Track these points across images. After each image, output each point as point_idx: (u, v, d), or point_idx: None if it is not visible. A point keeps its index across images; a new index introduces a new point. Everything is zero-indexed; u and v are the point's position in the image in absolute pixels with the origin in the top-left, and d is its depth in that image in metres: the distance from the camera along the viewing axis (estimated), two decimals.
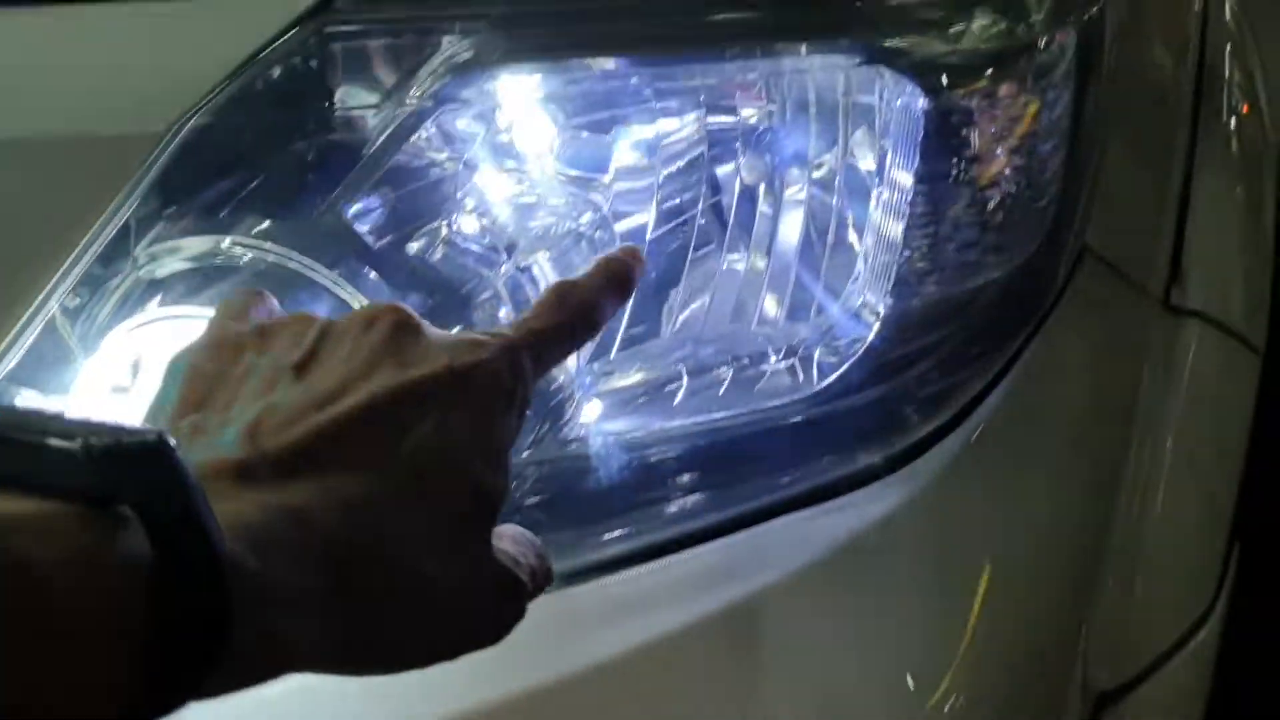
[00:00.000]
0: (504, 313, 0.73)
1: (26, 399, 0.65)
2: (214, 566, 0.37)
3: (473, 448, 0.47)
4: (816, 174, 0.76)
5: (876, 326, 0.70)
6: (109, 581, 0.36)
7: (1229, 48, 1.28)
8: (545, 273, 0.77)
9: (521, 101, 0.73)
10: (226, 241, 0.64)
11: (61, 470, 0.36)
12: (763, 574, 0.70)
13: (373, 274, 0.64)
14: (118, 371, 0.65)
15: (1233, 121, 1.24)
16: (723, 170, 0.79)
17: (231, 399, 0.47)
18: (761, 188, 0.78)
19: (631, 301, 0.79)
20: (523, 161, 0.75)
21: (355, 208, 0.66)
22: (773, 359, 0.75)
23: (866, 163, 0.73)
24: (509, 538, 0.51)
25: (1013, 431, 0.78)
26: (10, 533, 0.34)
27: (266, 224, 0.64)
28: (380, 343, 0.48)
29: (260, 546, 0.40)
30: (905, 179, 0.70)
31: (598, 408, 0.75)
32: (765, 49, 0.73)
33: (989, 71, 0.73)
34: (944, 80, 0.70)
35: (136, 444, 0.37)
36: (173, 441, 0.37)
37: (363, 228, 0.66)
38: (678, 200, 0.78)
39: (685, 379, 0.77)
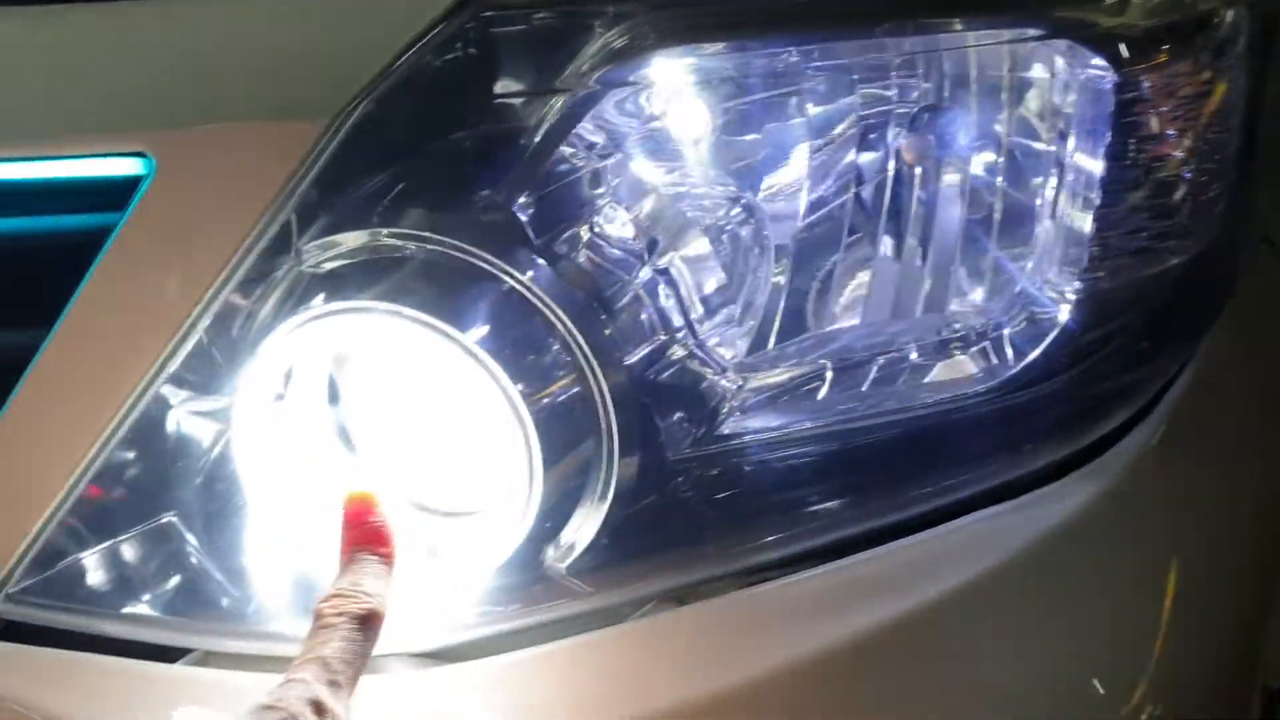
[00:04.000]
0: (644, 316, 0.71)
1: (187, 403, 0.64)
2: None
3: None
4: (981, 155, 0.72)
5: (1068, 309, 0.66)
6: None
7: None
8: (684, 274, 0.74)
9: (675, 86, 0.70)
10: (389, 235, 0.61)
11: None
12: (943, 579, 0.67)
13: (541, 262, 0.61)
14: (275, 376, 0.63)
15: None
16: (880, 154, 0.76)
17: None
18: (919, 171, 0.74)
19: (785, 296, 0.76)
20: (676, 149, 0.72)
21: (519, 199, 0.64)
22: (957, 345, 0.71)
23: (1041, 143, 0.70)
24: None
25: (1197, 422, 0.74)
26: None
27: (430, 216, 0.61)
28: None
29: None
30: (1091, 159, 0.66)
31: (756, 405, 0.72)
32: (924, 23, 0.69)
33: (1165, 46, 0.70)
34: (1125, 54, 0.66)
35: None
36: None
37: (524, 220, 0.64)
38: (831, 186, 0.75)
39: (830, 374, 0.73)
